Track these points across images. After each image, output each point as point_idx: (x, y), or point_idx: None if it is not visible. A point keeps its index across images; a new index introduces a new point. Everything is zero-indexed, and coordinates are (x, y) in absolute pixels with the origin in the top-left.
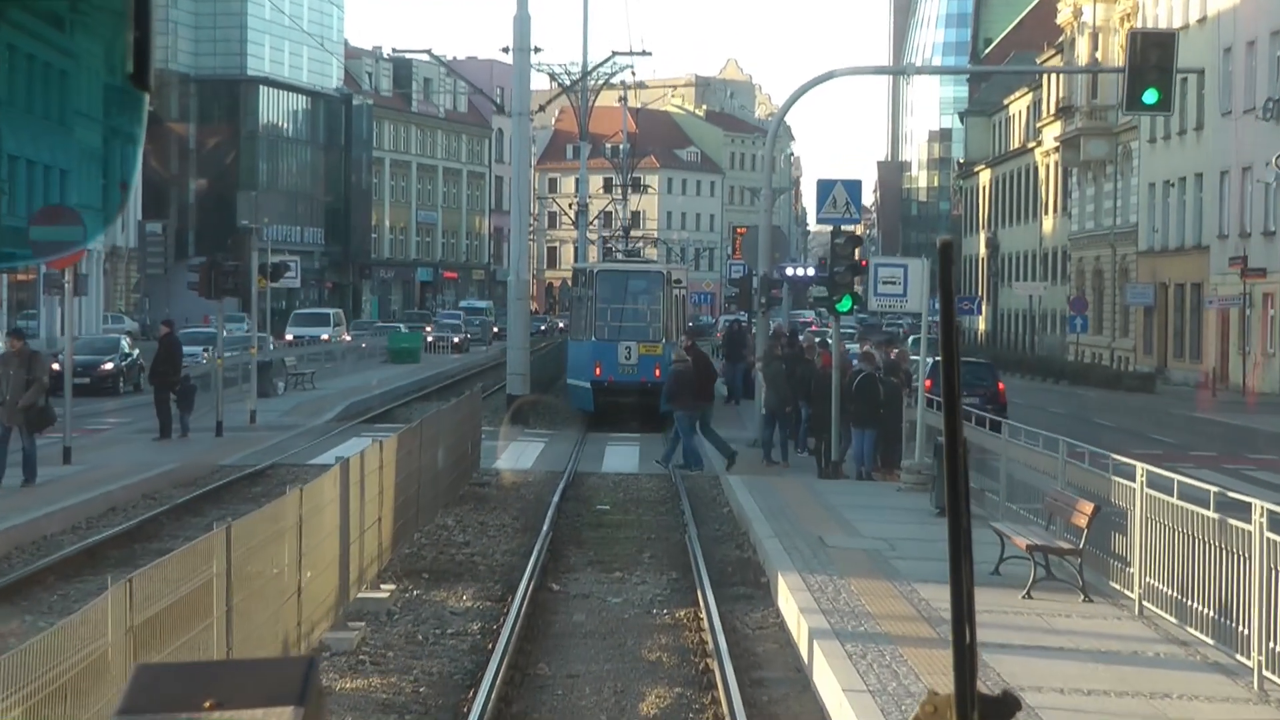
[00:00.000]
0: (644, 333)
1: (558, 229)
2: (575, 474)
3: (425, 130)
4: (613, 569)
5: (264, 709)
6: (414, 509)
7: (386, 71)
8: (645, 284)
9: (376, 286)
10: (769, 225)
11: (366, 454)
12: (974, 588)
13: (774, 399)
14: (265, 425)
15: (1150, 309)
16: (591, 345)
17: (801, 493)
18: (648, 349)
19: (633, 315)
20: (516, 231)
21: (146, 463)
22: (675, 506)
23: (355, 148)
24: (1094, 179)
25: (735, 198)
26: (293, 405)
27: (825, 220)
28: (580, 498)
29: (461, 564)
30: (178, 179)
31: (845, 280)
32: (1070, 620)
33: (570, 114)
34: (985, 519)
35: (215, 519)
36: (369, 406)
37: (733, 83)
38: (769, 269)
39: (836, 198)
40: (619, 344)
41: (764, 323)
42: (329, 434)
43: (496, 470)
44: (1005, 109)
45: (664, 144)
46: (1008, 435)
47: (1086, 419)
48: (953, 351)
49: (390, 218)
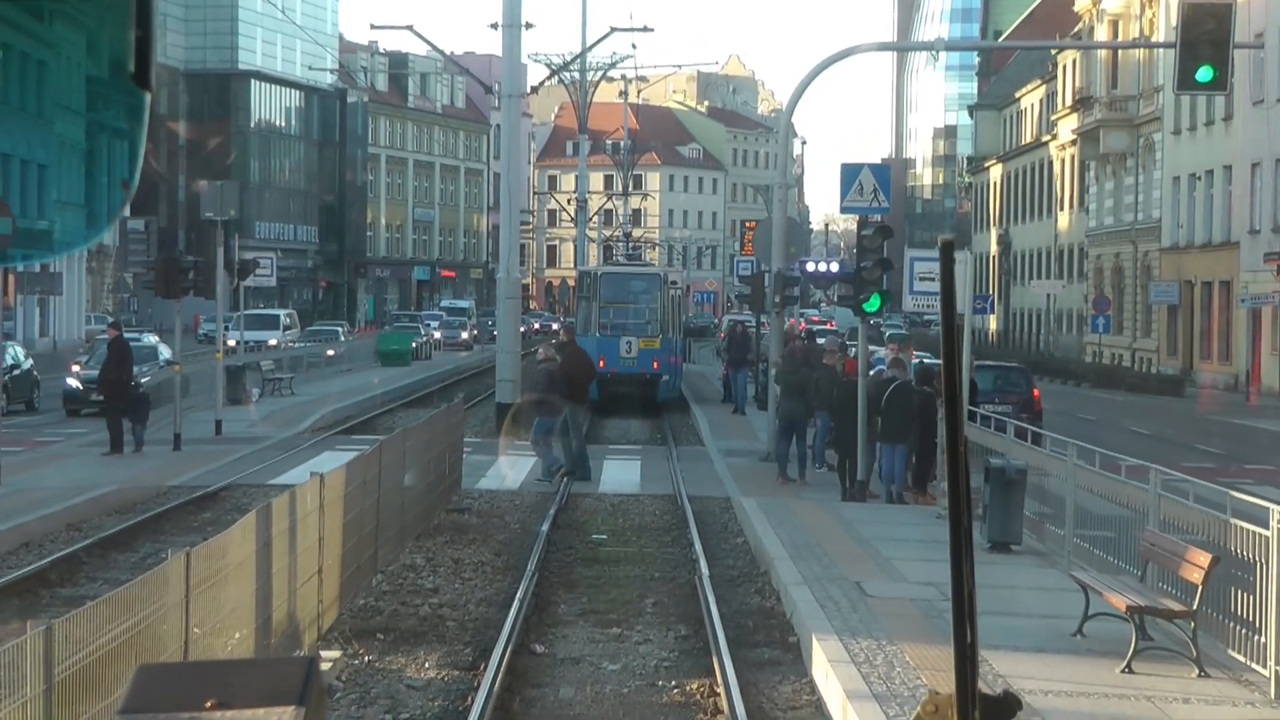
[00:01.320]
0: (643, 329)
1: (558, 227)
2: (569, 495)
3: (422, 126)
4: (610, 622)
5: (265, 708)
6: (372, 549)
7: (382, 66)
8: (644, 285)
9: (372, 285)
10: (783, 218)
11: (301, 494)
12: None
13: (792, 409)
14: (231, 437)
15: (1175, 308)
16: (595, 340)
17: (826, 519)
18: (646, 343)
19: (633, 313)
20: (507, 224)
21: (83, 484)
22: (682, 535)
23: (350, 144)
24: (1113, 173)
25: (738, 195)
26: (265, 414)
27: (850, 209)
28: (574, 524)
29: (427, 620)
30: (167, 175)
31: (873, 277)
32: (1191, 707)
33: (570, 110)
34: (1047, 556)
35: (149, 554)
36: (349, 415)
37: (735, 78)
38: (783, 265)
39: (863, 184)
40: (620, 339)
41: (779, 324)
42: (300, 447)
43: (479, 492)
44: (1017, 102)
45: (665, 140)
46: (1076, 457)
47: (1119, 425)
48: (953, 351)
49: (386, 215)
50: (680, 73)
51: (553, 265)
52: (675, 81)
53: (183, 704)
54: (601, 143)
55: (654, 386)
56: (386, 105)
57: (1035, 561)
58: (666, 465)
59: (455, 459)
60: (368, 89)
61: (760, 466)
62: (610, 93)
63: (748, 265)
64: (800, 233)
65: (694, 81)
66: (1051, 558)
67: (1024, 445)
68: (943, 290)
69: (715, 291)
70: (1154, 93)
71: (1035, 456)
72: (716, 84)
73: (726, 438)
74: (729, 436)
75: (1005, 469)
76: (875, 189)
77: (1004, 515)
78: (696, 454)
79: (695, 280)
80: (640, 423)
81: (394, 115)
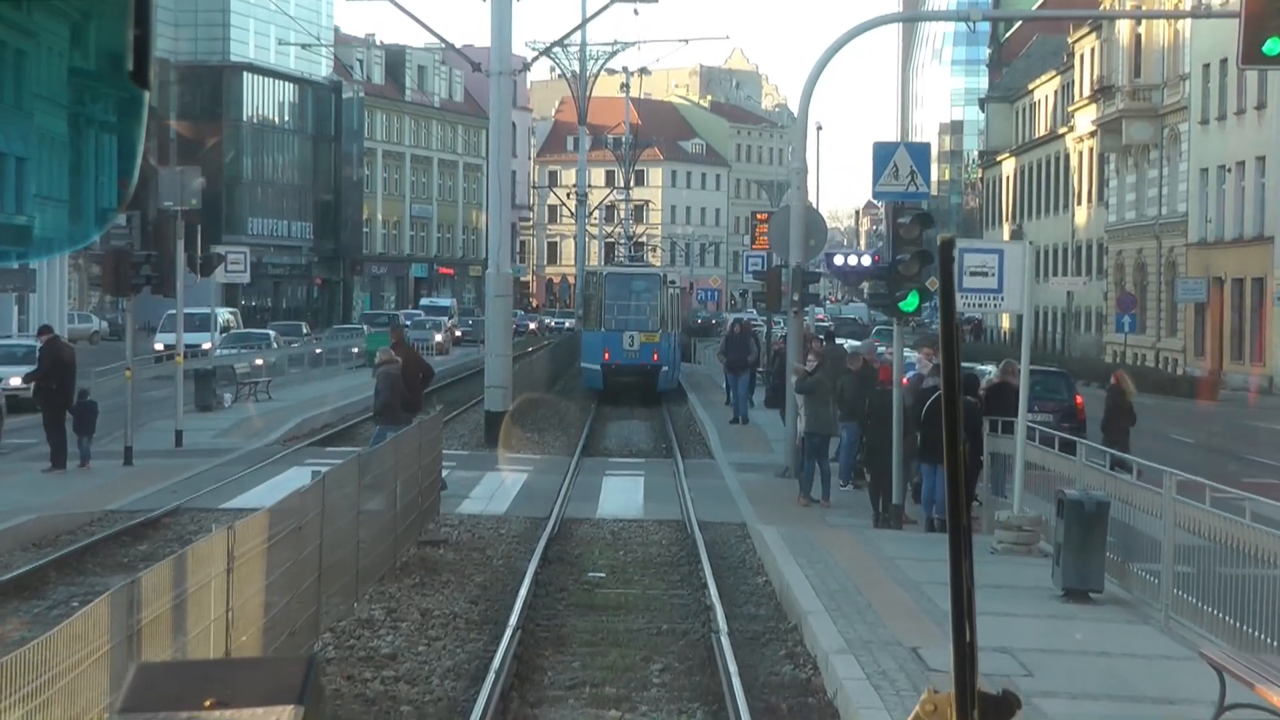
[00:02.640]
0: (644, 324)
1: (559, 223)
2: (563, 521)
3: (420, 120)
4: (607, 698)
5: (264, 707)
6: (313, 608)
7: (379, 59)
8: (645, 284)
9: (368, 283)
10: (803, 207)
11: (199, 555)
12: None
13: (816, 420)
14: (192, 449)
15: (1202, 306)
16: (601, 335)
17: (861, 554)
18: (647, 337)
19: (635, 310)
20: (497, 214)
21: (5, 507)
22: (693, 573)
23: (346, 139)
24: (1135, 165)
25: (742, 191)
26: (234, 423)
27: (884, 195)
28: (567, 558)
29: (376, 702)
30: (156, 170)
31: (911, 271)
32: None
33: (571, 105)
34: (1134, 606)
35: (59, 601)
36: (327, 423)
37: (738, 73)
38: (803, 259)
39: (898, 165)
40: (624, 333)
41: (797, 325)
42: (266, 461)
43: (460, 519)
44: (1030, 94)
45: (668, 135)
46: (1174, 491)
47: (1158, 433)
48: (953, 352)
49: (383, 212)
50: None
51: (553, 262)
52: (678, 76)
53: (181, 703)
54: (603, 137)
55: (654, 376)
56: (383, 99)
57: (1123, 615)
58: (673, 482)
59: (431, 482)
60: (364, 82)
61: (777, 484)
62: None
63: (758, 260)
64: (820, 224)
65: (696, 76)
66: (1140, 608)
67: (1100, 470)
68: (942, 290)
69: (719, 289)
70: (1180, 81)
71: (1129, 491)
72: (720, 78)
73: (738, 449)
74: (740, 447)
75: (1084, 503)
76: (912, 171)
77: (1082, 557)
78: (705, 468)
79: (699, 277)
80: (643, 428)
81: (391, 109)
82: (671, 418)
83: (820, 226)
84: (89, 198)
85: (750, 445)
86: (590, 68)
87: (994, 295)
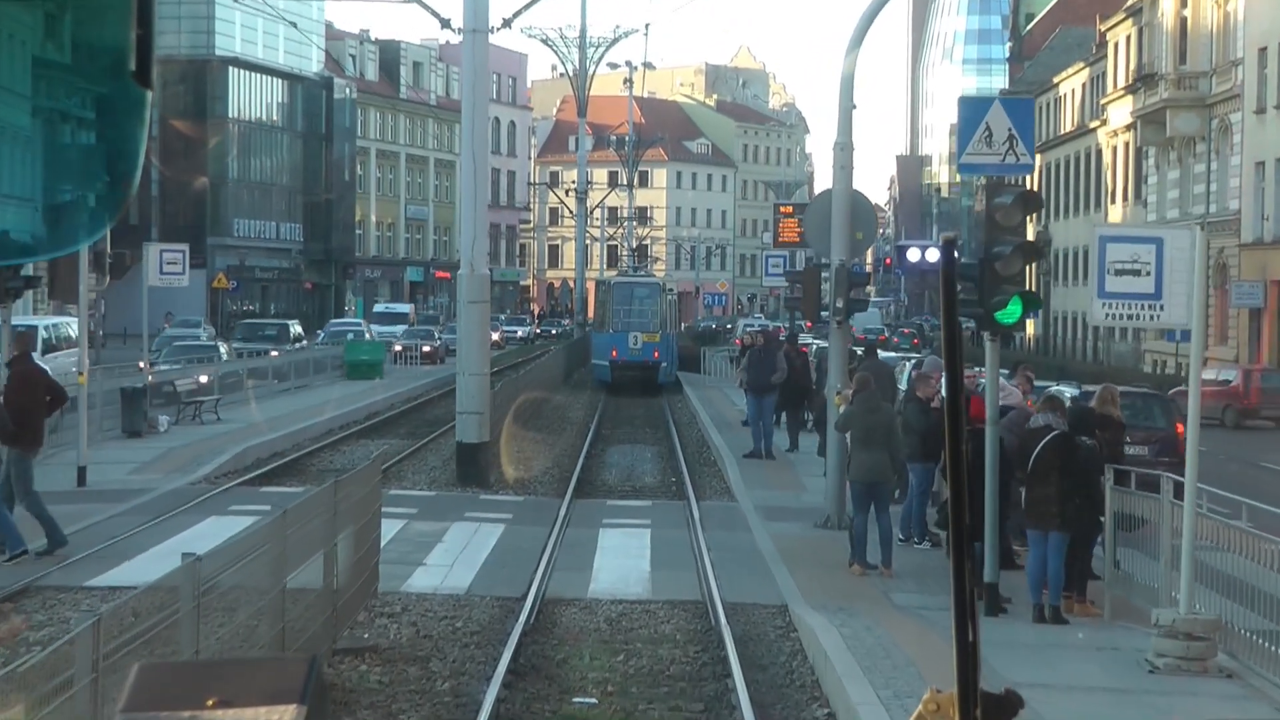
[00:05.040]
0: (646, 326)
1: (560, 225)
2: (544, 602)
3: (415, 119)
4: None
5: (267, 707)
6: None
7: (372, 55)
8: (647, 291)
9: (361, 287)
10: (848, 192)
11: None
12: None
13: (871, 465)
14: (96, 490)
15: (1258, 311)
16: (609, 335)
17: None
18: (649, 337)
19: (637, 314)
20: (471, 200)
21: None
22: (721, 696)
23: (338, 137)
24: (1179, 160)
25: (749, 193)
26: (160, 454)
27: (971, 167)
28: (545, 668)
29: None
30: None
31: (1011, 270)
32: None
33: (572, 104)
34: None
35: None
36: (277, 450)
37: (745, 71)
38: (847, 256)
39: (991, 128)
40: (629, 334)
41: (841, 339)
42: (181, 508)
43: (407, 599)
44: (1055, 88)
45: (672, 135)
46: None
47: (1244, 459)
48: (956, 355)
49: (377, 213)
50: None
51: (555, 266)
52: (683, 74)
53: (184, 702)
54: (606, 137)
55: (655, 371)
56: (377, 96)
57: None
58: (686, 535)
59: (365, 554)
60: (357, 78)
61: (819, 538)
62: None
63: (779, 261)
64: (869, 212)
65: (702, 74)
66: None
67: None
68: (945, 289)
69: (725, 294)
70: (1231, 67)
71: None
72: (726, 77)
73: (763, 486)
74: (766, 484)
75: None
76: (1011, 136)
77: None
78: (726, 514)
79: (705, 282)
80: (649, 454)
81: (385, 107)
82: (681, 441)
83: (869, 215)
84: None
85: (777, 481)
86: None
87: (1150, 302)
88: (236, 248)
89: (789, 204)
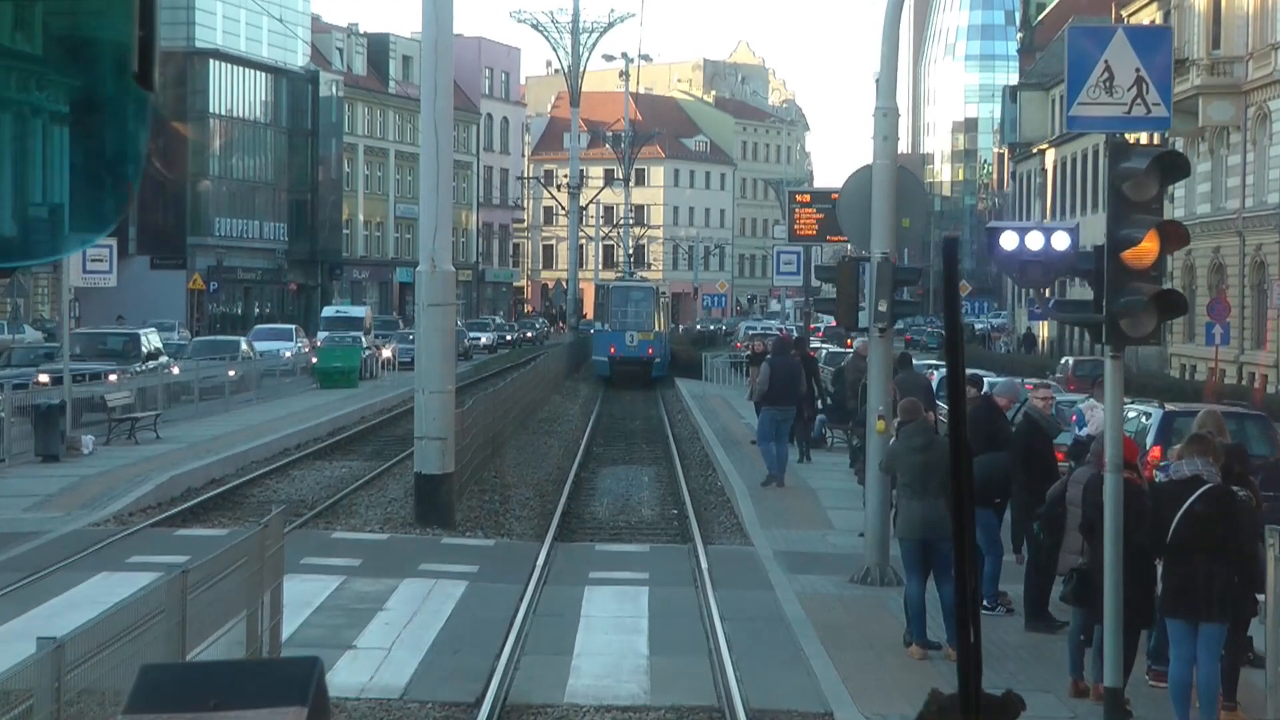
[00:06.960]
0: (641, 325)
1: (554, 225)
2: (505, 709)
3: (404, 114)
4: None
5: (269, 709)
6: None
7: (360, 48)
8: (642, 294)
9: (348, 288)
10: (892, 168)
11: None
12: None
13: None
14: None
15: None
16: (608, 334)
17: None
18: (644, 336)
19: (633, 315)
20: (433, 181)
21: None
22: None
23: (324, 133)
24: (1211, 150)
25: (748, 191)
26: (71, 483)
27: (1084, 121)
28: None
29: None
30: None
31: (1146, 261)
32: None
33: (566, 101)
34: None
35: None
36: (214, 477)
37: (744, 67)
38: (892, 248)
39: (1112, 68)
40: (626, 332)
41: (884, 351)
42: (70, 558)
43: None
44: None
45: (670, 132)
46: None
47: None
48: (958, 355)
49: (364, 211)
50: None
51: (549, 266)
52: (680, 70)
53: (186, 704)
54: (601, 133)
55: (649, 366)
56: (365, 91)
57: None
58: (693, 594)
59: (273, 626)
60: (344, 73)
61: (859, 600)
62: (610, 80)
63: (791, 257)
64: (919, 193)
65: (700, 70)
66: None
67: None
68: (947, 289)
69: (725, 295)
70: (1270, 51)
71: None
72: (724, 73)
73: (782, 523)
74: (786, 520)
75: None
76: (1140, 79)
77: None
78: (740, 562)
79: (704, 282)
80: (647, 475)
81: (373, 102)
82: (683, 461)
83: (919, 196)
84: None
85: (799, 515)
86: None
87: None
88: (217, 248)
89: (805, 191)
